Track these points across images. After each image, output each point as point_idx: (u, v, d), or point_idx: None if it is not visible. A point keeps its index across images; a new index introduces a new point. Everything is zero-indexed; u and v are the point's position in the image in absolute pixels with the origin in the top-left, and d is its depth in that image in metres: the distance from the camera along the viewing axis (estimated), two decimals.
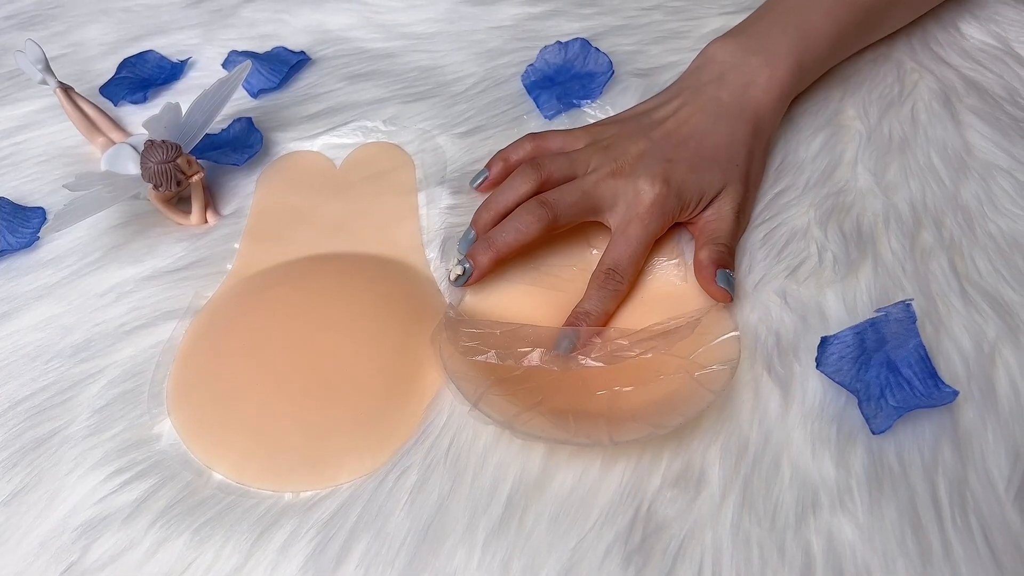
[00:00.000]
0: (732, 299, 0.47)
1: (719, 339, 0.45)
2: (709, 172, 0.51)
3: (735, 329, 0.46)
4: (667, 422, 0.41)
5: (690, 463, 0.41)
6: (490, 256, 0.49)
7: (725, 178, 0.51)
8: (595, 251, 0.52)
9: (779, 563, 0.38)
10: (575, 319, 0.47)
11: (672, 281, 0.50)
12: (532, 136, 0.55)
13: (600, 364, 0.44)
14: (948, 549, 0.38)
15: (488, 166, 0.55)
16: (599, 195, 0.50)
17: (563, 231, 0.51)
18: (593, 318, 0.47)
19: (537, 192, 0.50)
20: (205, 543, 0.39)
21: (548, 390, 0.44)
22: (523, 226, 0.49)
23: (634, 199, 0.49)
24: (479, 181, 0.55)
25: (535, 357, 0.44)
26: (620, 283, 0.48)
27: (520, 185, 0.50)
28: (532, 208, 0.49)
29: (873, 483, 0.40)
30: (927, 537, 0.38)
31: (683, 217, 0.51)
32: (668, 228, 0.50)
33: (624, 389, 0.44)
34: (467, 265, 0.49)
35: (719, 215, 0.50)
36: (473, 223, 0.51)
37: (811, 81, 0.59)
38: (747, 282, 0.49)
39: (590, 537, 0.38)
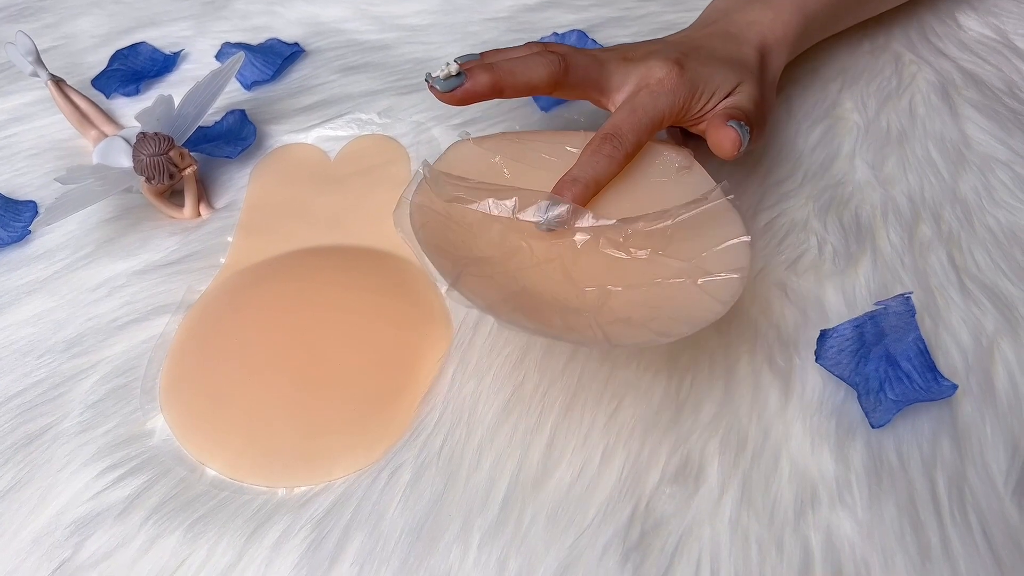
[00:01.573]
0: (742, 145, 0.44)
1: (727, 243, 0.41)
2: (723, 69, 0.48)
3: (746, 234, 0.42)
4: (671, 330, 0.37)
5: (689, 458, 0.41)
6: (489, 76, 0.43)
7: (740, 77, 0.49)
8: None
9: (777, 559, 0.37)
10: (561, 186, 0.43)
11: (676, 171, 0.47)
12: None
13: (595, 224, 0.41)
14: (947, 544, 0.37)
15: (482, 55, 0.48)
16: (610, 71, 0.47)
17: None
18: (581, 184, 0.43)
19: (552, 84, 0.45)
20: (198, 540, 0.39)
21: (529, 276, 0.40)
22: (533, 64, 0.44)
23: (645, 75, 0.47)
24: (468, 60, 0.46)
25: (536, 211, 0.40)
26: (617, 148, 0.44)
27: (537, 66, 0.45)
28: (543, 53, 0.45)
29: (872, 478, 0.40)
30: (926, 532, 0.38)
31: (695, 109, 0.47)
32: (676, 118, 0.47)
33: (615, 288, 0.40)
34: (463, 74, 0.43)
35: (736, 103, 0.48)
36: (465, 67, 0.45)
37: (815, 37, 0.58)
38: None
39: (588, 534, 0.38)
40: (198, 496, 0.41)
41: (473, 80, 0.44)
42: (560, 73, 0.45)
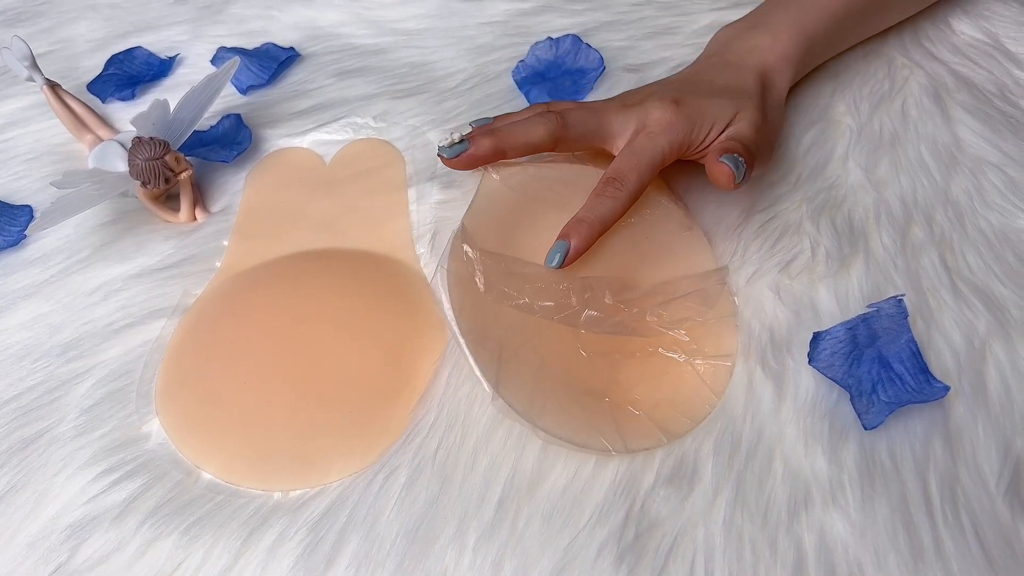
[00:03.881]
0: (736, 178, 0.45)
1: (718, 320, 0.45)
2: (720, 100, 0.49)
3: (735, 314, 0.46)
4: (676, 429, 0.42)
5: (683, 460, 0.41)
6: (491, 141, 0.47)
7: (737, 106, 0.49)
8: None
9: (771, 560, 0.38)
10: (568, 229, 0.45)
11: (678, 229, 0.49)
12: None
13: (617, 332, 0.44)
14: (939, 545, 0.38)
15: (494, 119, 0.52)
16: (609, 119, 0.49)
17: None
18: (586, 225, 0.45)
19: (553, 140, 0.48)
20: (194, 543, 0.39)
21: (545, 344, 0.44)
22: (531, 126, 0.47)
23: (643, 117, 0.48)
24: (480, 124, 0.51)
25: (585, 318, 0.43)
26: (619, 190, 0.46)
27: (536, 126, 0.48)
28: (542, 113, 0.48)
29: (865, 479, 0.40)
30: (918, 533, 0.38)
31: (696, 143, 0.48)
32: (678, 154, 0.48)
33: (620, 359, 0.44)
34: (467, 141, 0.47)
35: (736, 132, 0.49)
36: (468, 135, 0.48)
37: (820, 56, 0.58)
38: (740, 276, 0.49)
39: (583, 536, 0.38)
40: (194, 499, 0.41)
41: (476, 145, 0.47)
42: (558, 128, 0.47)
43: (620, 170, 0.47)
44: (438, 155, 0.48)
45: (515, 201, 0.48)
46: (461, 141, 0.47)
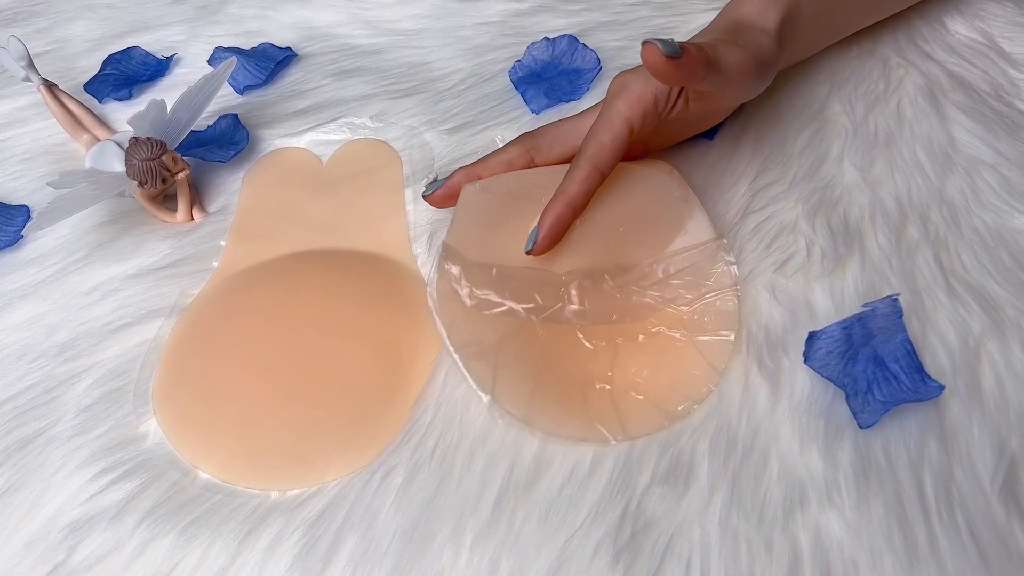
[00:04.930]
0: (663, 55, 0.40)
1: (718, 293, 0.46)
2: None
3: (735, 285, 0.46)
4: (676, 411, 0.42)
5: (679, 459, 0.41)
6: (464, 169, 0.49)
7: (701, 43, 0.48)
8: None
9: (767, 559, 0.38)
10: (544, 211, 0.45)
11: (673, 201, 0.49)
12: None
13: (614, 321, 0.44)
14: (934, 544, 0.38)
15: None
16: (583, 118, 0.50)
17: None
18: (553, 203, 0.45)
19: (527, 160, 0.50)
20: (192, 543, 0.39)
21: (546, 340, 0.44)
22: (503, 147, 0.49)
23: (606, 95, 0.48)
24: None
25: (568, 313, 0.44)
26: (577, 161, 0.45)
27: (508, 144, 0.50)
28: (514, 139, 0.50)
29: (860, 478, 0.40)
30: (913, 532, 0.38)
31: (662, 96, 0.46)
32: (643, 109, 0.46)
33: (622, 343, 0.44)
34: (443, 178, 0.50)
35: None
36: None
37: (814, 16, 0.55)
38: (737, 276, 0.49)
39: (579, 535, 0.38)
40: (191, 499, 0.41)
41: (449, 180, 0.50)
42: (528, 140, 0.49)
43: (580, 146, 0.47)
44: (423, 196, 0.51)
45: (500, 204, 0.48)
46: (435, 180, 0.49)
